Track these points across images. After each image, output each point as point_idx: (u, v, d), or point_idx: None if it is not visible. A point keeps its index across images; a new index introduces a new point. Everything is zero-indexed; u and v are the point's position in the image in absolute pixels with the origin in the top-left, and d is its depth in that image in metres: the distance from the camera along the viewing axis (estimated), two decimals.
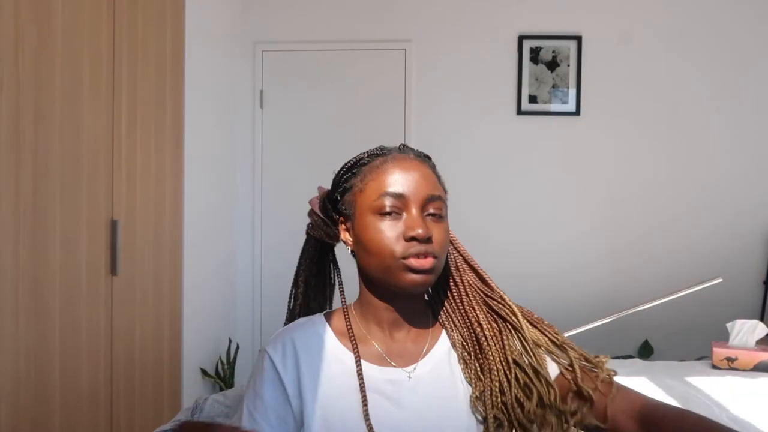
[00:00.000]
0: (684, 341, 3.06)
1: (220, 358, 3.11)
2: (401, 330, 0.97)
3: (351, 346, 0.94)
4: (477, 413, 0.90)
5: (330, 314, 1.01)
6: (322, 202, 1.03)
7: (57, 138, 1.66)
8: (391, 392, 0.91)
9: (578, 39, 3.29)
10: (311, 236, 1.06)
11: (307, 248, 1.07)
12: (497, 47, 3.34)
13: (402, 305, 0.96)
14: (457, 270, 1.00)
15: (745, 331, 2.28)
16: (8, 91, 1.47)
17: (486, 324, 0.95)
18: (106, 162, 1.89)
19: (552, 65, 3.31)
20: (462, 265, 1.00)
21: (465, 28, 3.36)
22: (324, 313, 1.01)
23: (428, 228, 0.90)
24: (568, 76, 3.30)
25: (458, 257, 1.01)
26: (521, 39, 3.31)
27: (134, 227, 2.05)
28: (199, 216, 2.73)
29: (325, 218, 1.02)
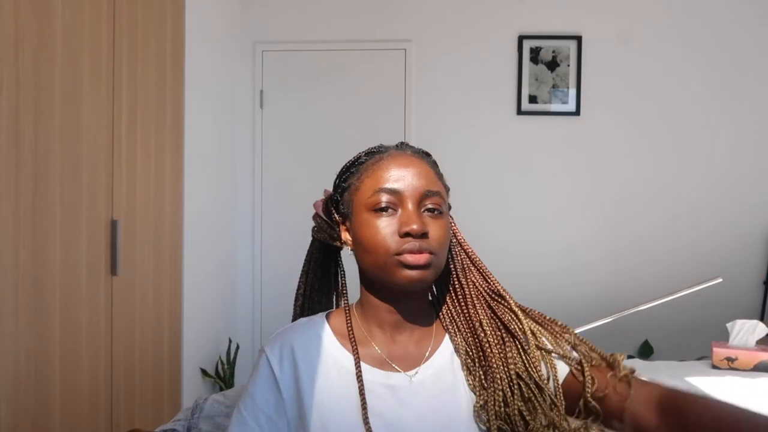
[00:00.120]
0: (684, 341, 3.05)
1: (220, 358, 3.11)
2: (403, 332, 0.94)
3: (351, 348, 0.92)
4: (480, 422, 0.88)
5: (331, 314, 0.99)
6: (325, 204, 1.02)
7: (57, 138, 1.66)
8: (391, 396, 0.89)
9: (578, 39, 3.28)
10: (316, 239, 1.05)
11: (312, 251, 1.06)
12: (497, 47, 3.34)
13: (403, 306, 0.94)
14: (463, 271, 0.97)
15: (745, 331, 2.28)
16: (8, 91, 1.47)
17: (490, 330, 0.92)
18: (106, 162, 1.89)
19: (552, 65, 3.30)
20: (468, 266, 0.97)
21: (465, 28, 3.36)
22: (325, 314, 0.99)
23: (424, 224, 0.88)
24: (568, 76, 3.30)
25: (465, 258, 0.98)
26: (521, 39, 3.31)
27: (134, 227, 2.05)
28: (199, 216, 2.72)
29: (328, 220, 1.01)
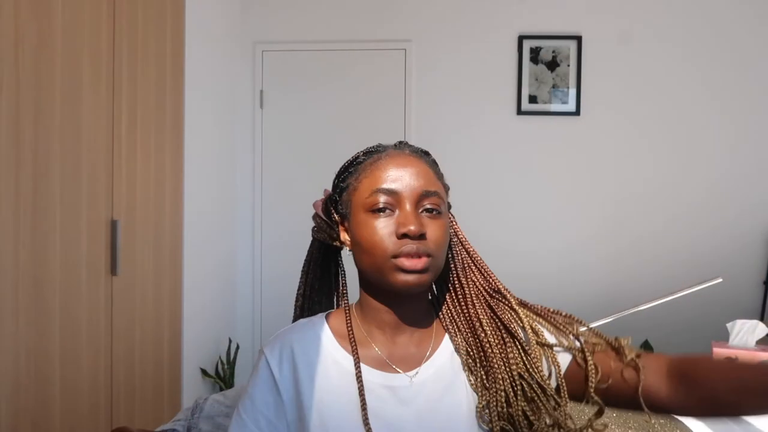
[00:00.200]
0: (684, 341, 3.04)
1: (220, 358, 3.11)
2: (403, 334, 0.93)
3: (351, 349, 0.91)
4: (483, 423, 0.88)
5: (331, 315, 0.98)
6: (324, 204, 1.02)
7: (57, 138, 1.66)
8: (392, 396, 0.89)
9: (578, 39, 3.28)
10: (316, 239, 1.04)
11: (312, 251, 1.05)
12: (497, 47, 3.34)
13: (402, 307, 0.93)
14: (464, 270, 0.96)
15: (745, 331, 2.28)
16: (8, 91, 1.47)
17: (490, 330, 0.91)
18: (106, 162, 1.89)
19: (552, 65, 3.30)
20: (469, 265, 0.96)
21: (465, 28, 3.35)
22: (325, 314, 0.99)
23: (422, 224, 0.88)
24: (568, 76, 3.29)
25: (466, 257, 0.97)
26: (521, 39, 3.31)
27: (134, 227, 2.05)
28: (199, 216, 2.73)
29: (328, 220, 1.01)
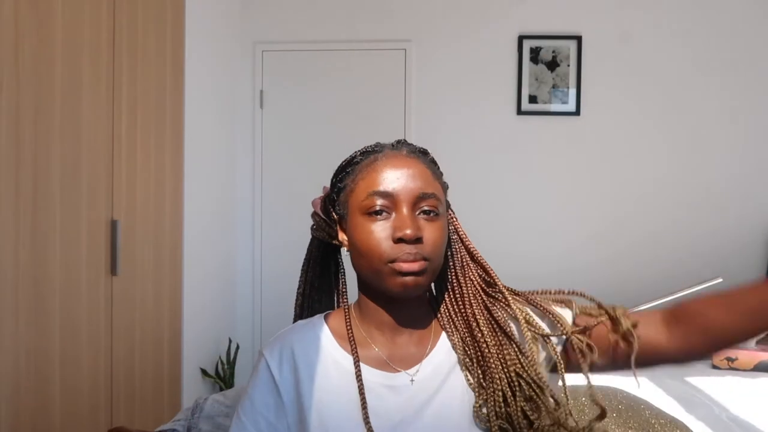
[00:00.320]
0: None
1: (220, 358, 3.11)
2: (402, 334, 0.93)
3: (350, 350, 0.91)
4: (480, 422, 0.87)
5: (330, 316, 0.98)
6: (323, 203, 1.01)
7: (57, 138, 1.66)
8: (392, 396, 0.89)
9: (578, 39, 3.28)
10: (315, 237, 1.04)
11: (312, 249, 1.04)
12: (497, 47, 3.34)
13: (401, 309, 0.93)
14: (462, 269, 0.95)
15: None
16: (8, 91, 1.47)
17: (487, 330, 0.90)
18: (106, 162, 1.89)
19: (552, 65, 3.30)
20: (468, 263, 0.95)
21: (465, 28, 3.35)
22: (324, 315, 0.99)
23: (419, 227, 0.87)
24: (568, 76, 3.29)
25: (465, 255, 0.96)
26: (521, 39, 3.31)
27: (134, 227, 2.05)
28: (199, 216, 2.73)
29: (326, 219, 1.00)
